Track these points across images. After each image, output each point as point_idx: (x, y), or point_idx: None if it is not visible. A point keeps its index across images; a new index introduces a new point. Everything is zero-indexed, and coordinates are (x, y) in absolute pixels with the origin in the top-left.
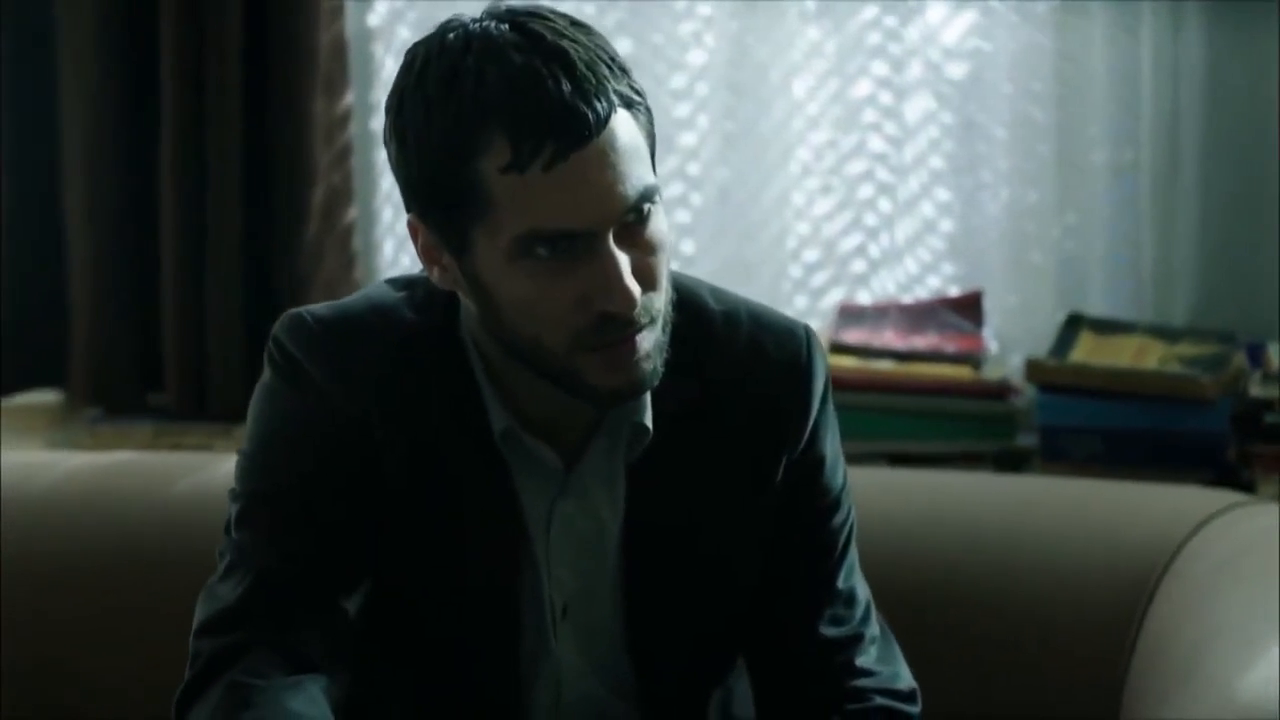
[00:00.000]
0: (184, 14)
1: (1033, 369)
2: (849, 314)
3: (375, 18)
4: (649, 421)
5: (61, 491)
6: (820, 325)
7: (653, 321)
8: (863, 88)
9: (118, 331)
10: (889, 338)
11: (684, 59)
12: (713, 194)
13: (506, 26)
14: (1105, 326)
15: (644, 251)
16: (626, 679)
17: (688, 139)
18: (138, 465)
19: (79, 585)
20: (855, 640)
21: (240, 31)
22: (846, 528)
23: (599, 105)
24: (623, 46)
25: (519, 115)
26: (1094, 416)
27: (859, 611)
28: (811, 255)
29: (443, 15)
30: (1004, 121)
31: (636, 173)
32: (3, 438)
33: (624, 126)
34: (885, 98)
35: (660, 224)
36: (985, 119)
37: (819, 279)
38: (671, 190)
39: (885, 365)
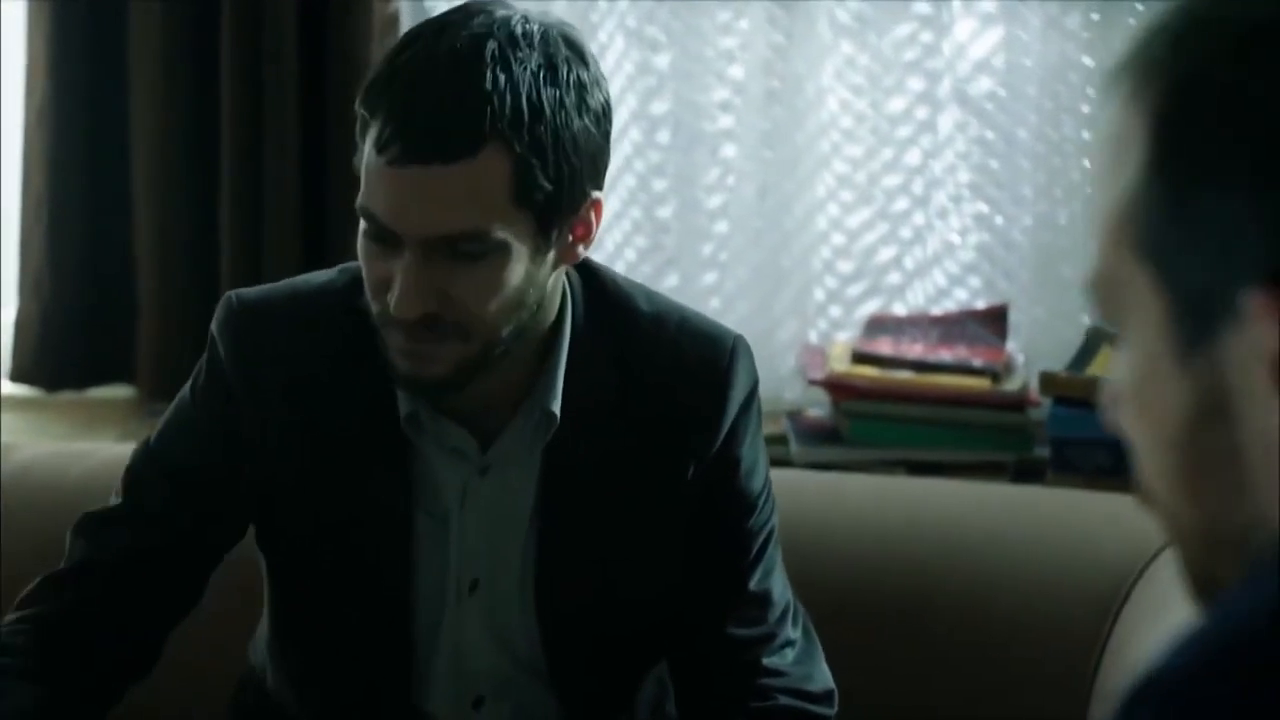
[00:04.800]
0: (242, 34)
1: (1046, 381)
2: (878, 325)
3: None
4: (557, 409)
5: (89, 483)
6: (852, 335)
7: (463, 340)
8: (897, 102)
9: (181, 330)
10: (916, 348)
11: (726, 72)
12: (750, 204)
13: (483, 31)
14: None
15: (465, 283)
16: (537, 658)
17: (728, 151)
18: None
19: None
20: (765, 640)
21: (296, 49)
22: (764, 531)
23: (459, 141)
24: (665, 59)
25: (395, 109)
26: (1103, 429)
27: (774, 614)
28: (846, 267)
29: None
30: (1036, 135)
31: (463, 214)
32: (77, 430)
33: (486, 170)
34: (920, 112)
35: (492, 272)
36: (1017, 133)
37: (854, 290)
38: (712, 201)
39: (905, 375)
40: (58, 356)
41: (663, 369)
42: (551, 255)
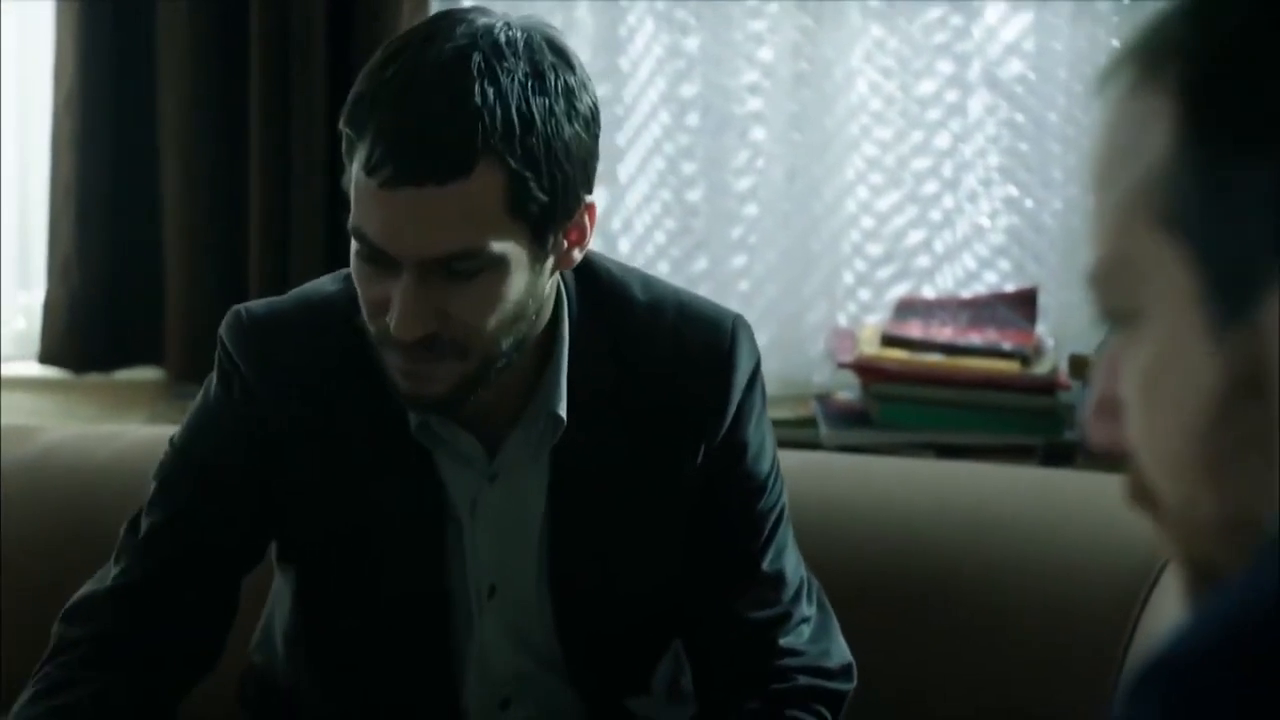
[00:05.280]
0: (270, 18)
1: (1075, 365)
2: (907, 307)
3: None
4: (563, 411)
5: (114, 465)
6: (881, 318)
7: (460, 358)
8: (927, 86)
9: (208, 313)
10: (945, 331)
11: (755, 55)
12: (779, 188)
13: (466, 42)
14: None
15: (462, 300)
16: (555, 655)
17: (757, 134)
18: None
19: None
20: (782, 620)
21: (325, 27)
22: (774, 512)
23: (453, 157)
24: (694, 43)
25: (384, 129)
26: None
27: (788, 593)
28: (876, 250)
29: (522, 13)
30: (1066, 119)
31: (459, 233)
32: (105, 412)
33: (480, 188)
34: (950, 96)
35: (489, 287)
36: (1047, 116)
37: (883, 273)
38: (741, 184)
39: (934, 358)
40: (86, 339)
41: (663, 358)
42: (549, 263)
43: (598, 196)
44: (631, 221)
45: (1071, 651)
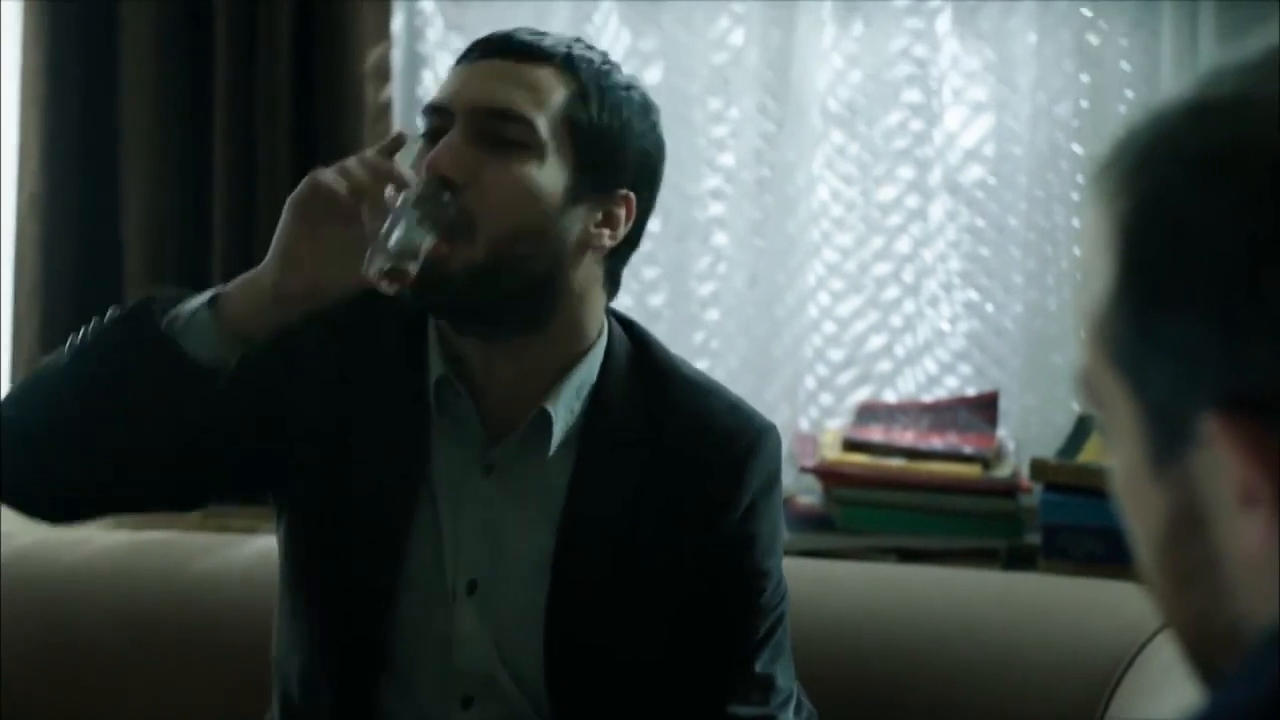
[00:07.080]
0: (236, 49)
1: (1037, 468)
2: (869, 412)
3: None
4: (552, 409)
5: (83, 569)
6: (843, 423)
7: (467, 237)
8: (888, 191)
9: None
10: (907, 436)
11: (717, 160)
12: (741, 293)
13: None
14: None
15: (495, 172)
16: (538, 684)
17: (719, 239)
18: (161, 545)
19: (88, 665)
20: None
21: (289, 86)
22: (773, 614)
23: (530, 50)
24: None
25: (480, 39)
26: (1094, 516)
27: (777, 699)
28: (837, 354)
29: None
30: (1027, 223)
31: (516, 96)
32: None
33: (547, 79)
34: (911, 200)
35: (525, 170)
36: (1008, 221)
37: (845, 378)
38: (703, 289)
39: (896, 462)
40: None
41: (692, 430)
42: (580, 214)
43: None
44: None
45: None
